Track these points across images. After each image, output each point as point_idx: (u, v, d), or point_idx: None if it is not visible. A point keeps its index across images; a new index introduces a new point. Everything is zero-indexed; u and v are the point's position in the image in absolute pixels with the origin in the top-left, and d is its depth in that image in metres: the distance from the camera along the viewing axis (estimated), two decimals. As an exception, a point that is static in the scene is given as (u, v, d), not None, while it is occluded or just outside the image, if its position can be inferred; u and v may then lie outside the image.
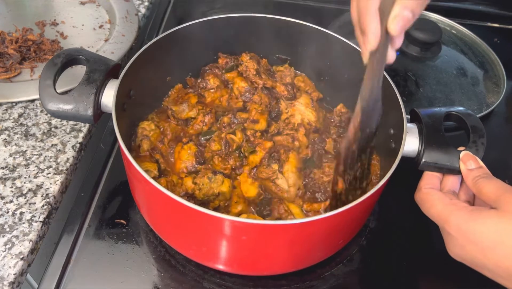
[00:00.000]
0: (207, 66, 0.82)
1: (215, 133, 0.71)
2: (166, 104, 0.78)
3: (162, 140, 0.72)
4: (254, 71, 0.79)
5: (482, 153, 0.61)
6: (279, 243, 0.57)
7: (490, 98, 0.92)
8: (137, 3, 1.10)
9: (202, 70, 0.82)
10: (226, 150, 0.70)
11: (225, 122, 0.73)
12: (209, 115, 0.73)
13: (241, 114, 0.74)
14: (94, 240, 0.68)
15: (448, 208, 0.56)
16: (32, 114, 0.81)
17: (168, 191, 0.53)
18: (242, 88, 0.78)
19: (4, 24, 0.97)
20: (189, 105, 0.76)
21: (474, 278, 0.57)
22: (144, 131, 0.72)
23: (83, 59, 0.67)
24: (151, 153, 0.71)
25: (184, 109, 0.75)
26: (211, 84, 0.79)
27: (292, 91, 0.79)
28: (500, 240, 0.51)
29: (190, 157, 0.70)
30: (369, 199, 0.56)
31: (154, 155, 0.71)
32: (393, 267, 0.68)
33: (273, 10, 1.13)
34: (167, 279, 0.64)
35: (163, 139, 0.72)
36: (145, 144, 0.71)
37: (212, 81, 0.79)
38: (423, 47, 0.96)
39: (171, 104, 0.77)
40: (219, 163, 0.69)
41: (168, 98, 0.79)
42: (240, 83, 0.79)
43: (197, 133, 0.73)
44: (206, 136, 0.72)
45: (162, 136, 0.73)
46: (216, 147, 0.70)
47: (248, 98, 0.78)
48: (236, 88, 0.79)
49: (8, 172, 0.72)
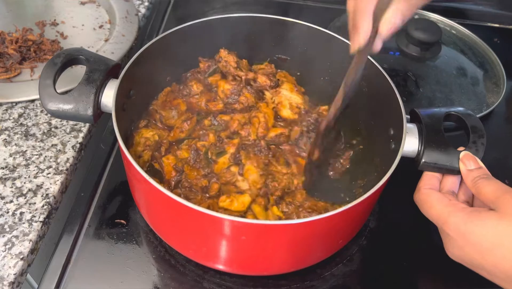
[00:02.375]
0: (189, 72, 0.80)
1: (184, 142, 0.70)
2: (155, 108, 0.76)
3: (159, 149, 0.70)
4: (235, 64, 0.78)
5: (482, 153, 0.61)
6: (279, 243, 0.57)
7: (490, 98, 0.92)
8: (137, 3, 1.10)
9: (184, 77, 0.80)
10: (195, 157, 0.69)
11: (206, 125, 0.72)
12: (187, 122, 0.72)
13: (222, 116, 0.73)
14: (94, 240, 0.68)
15: (447, 209, 0.56)
16: (32, 115, 0.81)
17: (168, 191, 0.53)
18: (227, 90, 0.78)
19: (4, 24, 0.97)
20: (178, 112, 0.75)
21: (473, 279, 0.57)
22: (148, 141, 0.70)
23: (83, 59, 0.67)
24: (151, 163, 0.69)
25: (174, 116, 0.74)
26: (194, 90, 0.78)
27: (275, 79, 0.79)
28: (498, 242, 0.51)
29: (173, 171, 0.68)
30: (369, 199, 0.56)
31: (154, 164, 0.69)
32: (393, 267, 0.68)
33: (273, 10, 1.13)
34: (167, 279, 0.64)
35: (159, 148, 0.70)
36: (146, 155, 0.69)
37: (195, 87, 0.78)
38: (423, 47, 0.96)
39: (160, 108, 0.75)
40: (190, 172, 0.67)
41: (157, 102, 0.76)
42: (224, 85, 0.78)
43: (175, 140, 0.72)
44: (179, 144, 0.71)
45: (159, 145, 0.70)
46: (183, 154, 0.69)
47: (235, 100, 0.77)
48: (221, 91, 0.78)
49: (8, 172, 0.72)
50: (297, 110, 0.76)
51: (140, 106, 0.73)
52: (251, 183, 0.67)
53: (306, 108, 0.77)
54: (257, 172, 0.68)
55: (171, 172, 0.68)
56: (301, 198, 0.67)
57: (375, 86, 0.72)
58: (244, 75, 0.78)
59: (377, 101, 0.72)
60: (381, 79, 0.69)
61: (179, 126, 0.73)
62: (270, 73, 0.81)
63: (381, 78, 0.69)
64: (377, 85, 0.71)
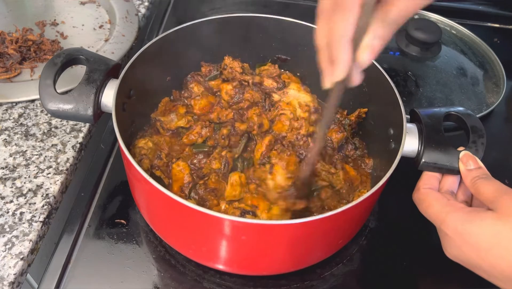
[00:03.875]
0: (189, 75, 0.80)
1: (216, 151, 0.69)
2: (154, 116, 0.76)
3: (159, 155, 0.70)
4: (240, 69, 0.79)
5: (481, 153, 0.61)
6: (279, 243, 0.57)
7: (490, 98, 0.92)
8: (137, 3, 1.10)
9: (185, 80, 0.80)
10: (225, 169, 0.68)
11: (224, 134, 0.72)
12: (207, 128, 0.72)
13: (240, 125, 0.73)
14: (94, 240, 0.68)
15: (445, 209, 0.56)
16: (32, 114, 0.81)
17: (168, 191, 0.53)
18: (230, 91, 0.78)
19: (4, 24, 0.97)
20: (177, 114, 0.75)
21: (472, 279, 0.57)
22: (142, 150, 0.70)
23: (83, 59, 0.67)
24: (151, 171, 0.69)
25: (173, 119, 0.74)
26: (195, 92, 0.79)
27: (281, 81, 0.79)
28: (496, 242, 0.51)
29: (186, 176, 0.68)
30: (369, 199, 0.56)
31: (155, 172, 0.69)
32: (393, 267, 0.68)
33: (273, 10, 1.13)
34: (167, 279, 0.64)
35: (160, 154, 0.70)
36: (145, 164, 0.69)
37: (196, 89, 0.79)
38: (423, 47, 0.96)
39: (159, 115, 0.75)
40: (215, 182, 0.67)
41: (156, 112, 0.77)
42: (227, 87, 0.78)
43: (191, 143, 0.72)
44: (198, 148, 0.71)
45: (159, 152, 0.70)
46: (216, 165, 0.68)
47: (240, 98, 0.77)
48: (225, 93, 0.78)
49: (8, 172, 0.72)
50: (307, 108, 0.75)
51: (140, 106, 0.74)
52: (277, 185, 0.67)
53: (315, 106, 0.76)
54: (284, 174, 0.67)
55: (183, 179, 0.67)
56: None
57: (375, 86, 0.72)
58: (250, 79, 0.78)
59: (377, 101, 0.73)
60: (381, 79, 0.69)
61: (198, 132, 0.72)
62: (275, 74, 0.81)
63: (381, 78, 0.69)
64: (377, 85, 0.71)
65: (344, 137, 0.74)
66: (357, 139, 0.76)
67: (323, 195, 0.68)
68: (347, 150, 0.74)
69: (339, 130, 0.74)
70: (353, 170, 0.72)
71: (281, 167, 0.67)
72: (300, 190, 0.64)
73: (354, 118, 0.76)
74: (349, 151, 0.74)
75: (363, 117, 0.76)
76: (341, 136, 0.73)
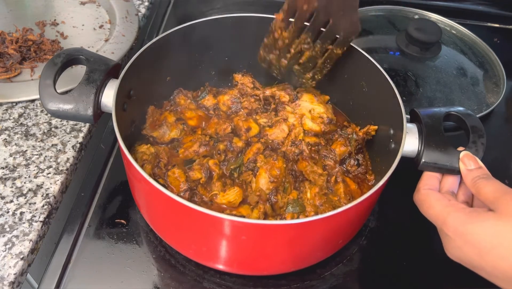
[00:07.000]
0: (175, 91, 0.79)
1: (195, 162, 0.69)
2: (145, 133, 0.74)
3: (158, 164, 0.69)
4: (251, 84, 0.79)
5: (481, 153, 0.61)
6: (279, 243, 0.57)
7: (490, 98, 0.92)
8: (137, 3, 1.10)
9: (172, 96, 0.80)
10: (207, 177, 0.68)
11: (221, 149, 0.71)
12: (206, 147, 0.71)
13: (237, 142, 0.72)
14: (94, 240, 0.68)
15: (446, 209, 0.56)
16: (32, 114, 0.81)
17: (168, 191, 0.53)
18: (228, 101, 0.78)
19: (4, 24, 0.97)
20: (168, 125, 0.74)
21: (473, 279, 0.57)
22: (144, 155, 0.69)
23: (83, 59, 0.67)
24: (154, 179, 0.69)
25: (165, 132, 0.74)
26: (182, 104, 0.78)
27: (294, 93, 0.79)
28: (497, 242, 0.51)
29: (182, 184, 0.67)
30: (369, 199, 0.56)
31: (157, 180, 0.68)
32: (393, 267, 0.68)
33: (273, 10, 1.13)
34: (167, 279, 0.64)
35: (158, 163, 0.69)
36: (147, 169, 0.68)
37: (183, 102, 0.78)
38: (423, 47, 0.96)
39: (150, 132, 0.74)
40: (204, 192, 0.67)
41: (146, 127, 0.74)
42: (223, 98, 0.79)
43: (187, 159, 0.71)
44: (188, 165, 0.70)
45: (157, 161, 0.70)
46: (196, 175, 0.68)
47: (238, 108, 0.78)
48: (223, 104, 0.78)
49: (8, 172, 0.72)
50: (321, 120, 0.74)
51: (140, 106, 0.74)
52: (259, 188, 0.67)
53: (329, 116, 0.75)
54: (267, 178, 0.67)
55: (179, 186, 0.67)
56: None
57: (375, 86, 0.72)
58: (261, 93, 0.78)
59: (377, 101, 0.73)
60: (381, 79, 0.69)
61: (195, 150, 0.71)
62: (287, 87, 0.80)
63: (381, 78, 0.69)
64: (377, 85, 0.71)
65: (348, 152, 0.73)
66: (361, 156, 0.75)
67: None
68: (349, 164, 0.73)
69: (344, 144, 0.73)
70: (354, 183, 0.71)
71: (265, 170, 0.67)
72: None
73: (362, 134, 0.74)
74: (351, 166, 0.73)
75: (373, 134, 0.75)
76: (344, 150, 0.73)
